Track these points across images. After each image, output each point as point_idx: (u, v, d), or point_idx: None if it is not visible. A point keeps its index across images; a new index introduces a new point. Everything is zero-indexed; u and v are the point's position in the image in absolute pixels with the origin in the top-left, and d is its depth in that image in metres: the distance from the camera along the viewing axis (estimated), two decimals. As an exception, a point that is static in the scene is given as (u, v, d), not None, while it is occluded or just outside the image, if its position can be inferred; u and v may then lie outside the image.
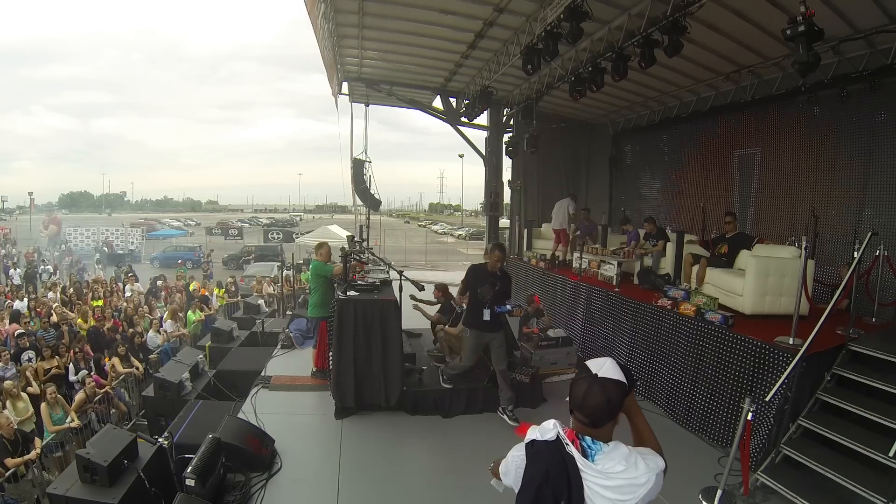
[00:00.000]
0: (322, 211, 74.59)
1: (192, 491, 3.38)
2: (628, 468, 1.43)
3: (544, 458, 1.46)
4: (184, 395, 5.89)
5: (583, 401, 1.47)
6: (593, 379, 1.47)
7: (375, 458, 4.37)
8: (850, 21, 5.81)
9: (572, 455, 1.44)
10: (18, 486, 4.73)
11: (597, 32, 7.02)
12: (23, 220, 34.36)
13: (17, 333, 7.89)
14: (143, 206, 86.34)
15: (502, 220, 13.31)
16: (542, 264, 8.92)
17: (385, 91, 11.09)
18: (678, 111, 9.85)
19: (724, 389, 4.57)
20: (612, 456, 1.44)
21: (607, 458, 1.44)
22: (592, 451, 1.44)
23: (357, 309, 5.01)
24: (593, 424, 1.47)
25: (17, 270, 15.95)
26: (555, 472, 1.44)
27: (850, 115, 6.67)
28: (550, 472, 1.44)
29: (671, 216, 9.88)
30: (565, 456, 1.44)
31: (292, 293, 10.98)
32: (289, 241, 27.24)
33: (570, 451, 1.44)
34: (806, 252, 4.35)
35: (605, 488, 1.41)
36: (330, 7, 7.04)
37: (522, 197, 12.22)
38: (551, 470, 1.44)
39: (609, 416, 1.47)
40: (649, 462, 1.47)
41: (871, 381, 3.86)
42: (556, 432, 1.48)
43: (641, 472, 1.43)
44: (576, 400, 1.49)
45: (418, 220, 65.10)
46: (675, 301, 5.47)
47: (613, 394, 1.45)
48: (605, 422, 1.47)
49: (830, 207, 6.82)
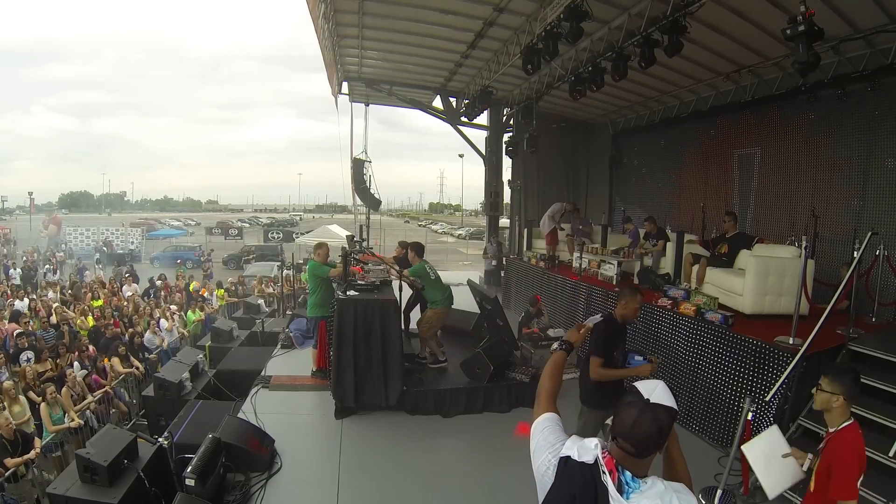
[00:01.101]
0: (322, 211, 74.55)
1: (192, 491, 3.38)
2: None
3: (575, 481, 1.35)
4: (184, 395, 5.89)
5: (631, 428, 1.32)
6: (644, 405, 1.32)
7: (375, 457, 4.37)
8: (850, 21, 5.81)
9: (606, 486, 1.31)
10: (18, 486, 4.73)
11: (597, 32, 7.02)
12: (23, 220, 34.35)
13: (16, 333, 7.88)
14: (143, 205, 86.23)
15: (502, 220, 13.33)
16: (542, 264, 8.92)
17: (385, 91, 11.10)
18: (678, 111, 9.85)
19: (724, 389, 4.57)
20: (649, 495, 1.30)
21: (642, 498, 1.30)
22: (629, 489, 1.30)
23: (357, 309, 5.01)
24: (639, 455, 1.33)
25: (17, 270, 15.94)
26: (582, 499, 1.32)
27: (850, 115, 6.67)
28: (577, 498, 1.33)
29: (671, 216, 9.88)
30: (598, 484, 1.31)
31: (292, 293, 10.98)
32: (289, 240, 27.24)
33: (605, 480, 1.31)
34: (806, 252, 4.35)
35: None
36: (330, 7, 7.03)
37: (522, 197, 12.23)
38: (579, 496, 1.33)
39: (657, 446, 1.34)
40: (683, 501, 1.32)
41: (871, 381, 3.86)
42: (595, 454, 1.35)
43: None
44: (622, 427, 1.34)
45: (418, 219, 65.06)
46: (675, 301, 5.47)
47: (665, 422, 1.32)
48: (652, 452, 1.34)
49: (830, 207, 6.82)
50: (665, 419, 1.31)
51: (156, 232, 35.02)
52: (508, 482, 4.00)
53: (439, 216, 73.75)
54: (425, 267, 5.64)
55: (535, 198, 11.99)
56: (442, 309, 5.66)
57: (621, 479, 1.31)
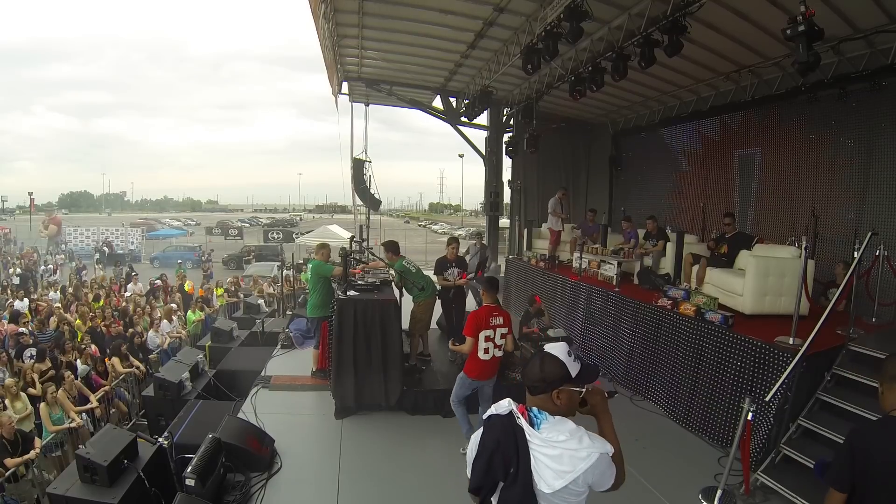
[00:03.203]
0: (322, 211, 74.47)
1: (192, 491, 3.38)
2: (571, 440, 1.52)
3: (497, 430, 1.59)
4: (184, 394, 5.88)
5: (525, 368, 1.70)
6: (540, 351, 1.69)
7: (375, 458, 4.37)
8: (850, 21, 5.81)
9: (521, 427, 1.56)
10: (18, 486, 4.73)
11: (597, 32, 7.02)
12: (23, 221, 34.34)
13: (18, 332, 7.89)
14: (143, 206, 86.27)
15: (502, 220, 13.32)
16: (542, 264, 8.92)
17: (385, 91, 11.10)
18: (678, 111, 9.85)
19: (724, 389, 4.57)
20: (557, 427, 1.56)
21: (552, 429, 1.55)
22: (538, 421, 1.57)
23: (357, 309, 5.01)
24: (531, 391, 1.64)
25: (16, 270, 15.95)
26: (505, 441, 1.55)
27: (850, 115, 6.67)
28: (501, 440, 1.55)
29: (671, 216, 9.88)
30: (515, 427, 1.56)
31: (292, 293, 10.98)
32: (289, 241, 27.26)
33: (520, 422, 1.57)
34: (806, 252, 4.35)
35: (548, 457, 1.51)
36: (330, 7, 7.03)
37: (522, 197, 12.23)
38: (502, 439, 1.56)
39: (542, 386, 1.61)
40: (595, 441, 1.55)
41: (872, 381, 3.85)
42: (510, 408, 1.61)
43: (584, 445, 1.51)
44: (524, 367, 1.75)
45: (418, 219, 65.04)
46: (675, 301, 5.47)
47: (548, 368, 1.61)
48: (539, 391, 1.62)
49: (830, 207, 6.82)
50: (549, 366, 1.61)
51: (156, 232, 35.06)
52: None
53: (439, 216, 73.71)
54: (403, 263, 5.72)
55: (535, 198, 11.98)
56: (426, 301, 5.74)
57: (531, 414, 1.58)
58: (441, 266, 6.31)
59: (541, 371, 1.62)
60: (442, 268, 6.29)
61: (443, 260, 6.37)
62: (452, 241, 6.42)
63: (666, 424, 5.03)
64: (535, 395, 1.64)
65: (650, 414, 5.29)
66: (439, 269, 6.29)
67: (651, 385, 5.57)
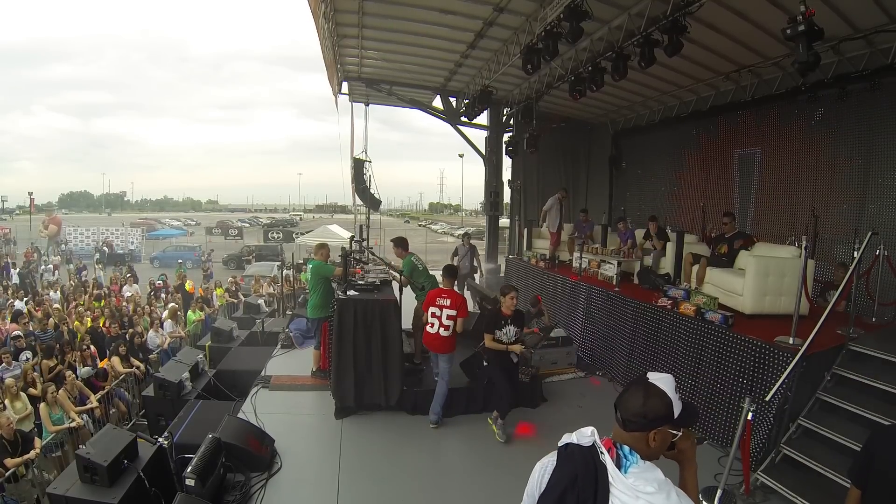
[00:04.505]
0: (322, 211, 74.43)
1: (192, 491, 3.38)
2: (658, 493, 1.32)
3: (576, 463, 1.39)
4: (184, 395, 5.88)
5: (622, 395, 1.45)
6: (643, 381, 1.44)
7: (375, 458, 4.37)
8: (850, 21, 5.81)
9: (605, 464, 1.36)
10: (18, 486, 4.73)
11: (597, 32, 7.02)
12: (22, 221, 34.34)
13: (13, 335, 7.88)
14: (143, 206, 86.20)
15: (502, 220, 13.31)
16: (541, 264, 8.92)
17: (385, 91, 11.09)
18: (678, 111, 9.85)
19: (724, 389, 4.57)
20: (646, 475, 1.35)
21: (640, 475, 1.34)
22: (627, 463, 1.36)
23: (357, 309, 5.01)
24: (624, 426, 1.41)
25: (16, 270, 15.94)
26: (584, 478, 1.36)
27: (850, 115, 6.67)
28: (579, 477, 1.37)
29: (671, 216, 9.88)
30: (598, 463, 1.37)
31: (292, 293, 10.98)
32: (289, 240, 27.25)
33: (603, 459, 1.36)
34: (806, 252, 4.35)
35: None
36: (330, 7, 7.03)
37: (522, 197, 12.22)
38: (581, 475, 1.37)
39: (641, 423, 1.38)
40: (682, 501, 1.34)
41: (871, 381, 3.86)
42: (593, 439, 1.41)
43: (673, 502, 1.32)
44: (620, 397, 1.46)
45: (418, 219, 65.00)
46: (675, 301, 5.47)
47: (653, 404, 1.38)
48: (635, 428, 1.39)
49: (830, 207, 6.82)
50: (654, 401, 1.38)
51: (156, 232, 35.05)
52: (508, 482, 3.99)
53: (439, 216, 73.67)
54: (412, 259, 5.70)
55: (535, 198, 11.97)
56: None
57: (619, 453, 1.38)
58: (493, 322, 4.66)
59: (643, 405, 1.38)
60: (494, 324, 4.64)
61: (496, 314, 4.73)
62: (510, 290, 4.67)
63: (666, 424, 5.03)
64: (628, 430, 1.40)
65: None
66: (490, 326, 4.66)
67: (651, 385, 5.55)
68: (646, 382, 1.42)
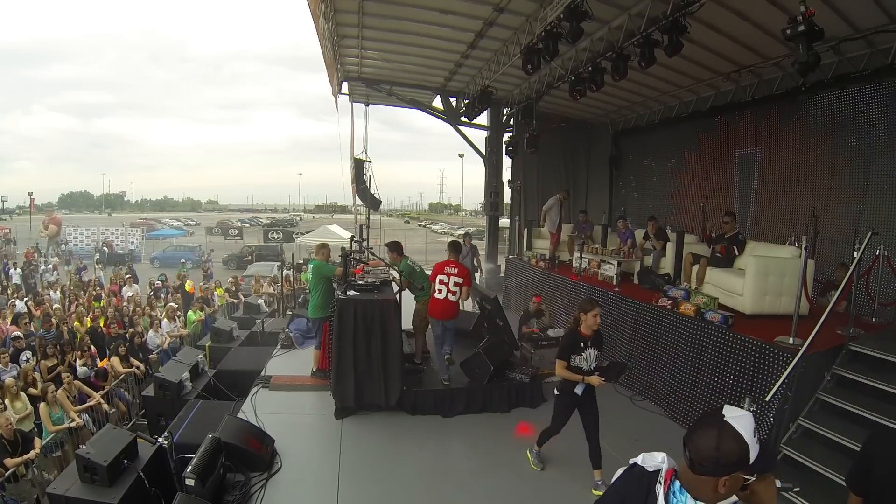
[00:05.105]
0: (322, 211, 74.44)
1: (191, 491, 3.38)
2: None
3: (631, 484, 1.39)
4: (184, 394, 5.88)
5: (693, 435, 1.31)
6: (718, 420, 1.29)
7: (375, 458, 4.37)
8: (850, 21, 5.81)
9: (657, 495, 1.33)
10: (18, 485, 4.73)
11: (597, 32, 7.02)
12: (21, 221, 34.34)
13: (13, 336, 7.87)
14: (143, 206, 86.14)
15: (502, 220, 13.32)
16: (542, 264, 8.92)
17: (385, 91, 11.10)
18: (678, 111, 9.85)
19: (724, 389, 4.57)
20: None
21: None
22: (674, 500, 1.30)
23: (357, 309, 5.01)
24: (692, 467, 1.30)
25: (17, 270, 15.93)
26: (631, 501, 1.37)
27: (850, 115, 6.67)
28: (627, 499, 1.38)
29: (671, 216, 9.88)
30: (650, 492, 1.34)
31: (292, 293, 10.98)
32: (289, 241, 27.24)
33: (657, 489, 1.33)
34: (806, 252, 4.35)
35: None
36: (330, 7, 7.04)
37: (522, 197, 12.23)
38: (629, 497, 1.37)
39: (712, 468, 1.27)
40: None
41: (871, 381, 3.86)
42: (660, 467, 1.37)
43: None
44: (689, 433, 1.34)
45: (418, 219, 65.00)
46: (675, 301, 5.47)
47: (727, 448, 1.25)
48: (704, 472, 1.27)
49: (830, 207, 6.82)
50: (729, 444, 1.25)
51: (156, 232, 35.03)
52: (508, 482, 4.01)
53: (439, 216, 73.65)
54: (408, 262, 5.73)
55: (535, 198, 11.98)
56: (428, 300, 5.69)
57: (671, 488, 1.31)
58: (571, 345, 3.70)
59: (716, 449, 1.25)
60: (571, 348, 3.69)
61: (573, 336, 3.74)
62: (593, 307, 3.69)
63: (666, 424, 5.03)
64: (696, 473, 1.29)
65: (650, 414, 5.29)
66: (566, 352, 3.69)
67: (651, 385, 5.56)
68: (721, 422, 1.28)
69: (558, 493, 3.85)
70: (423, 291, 5.64)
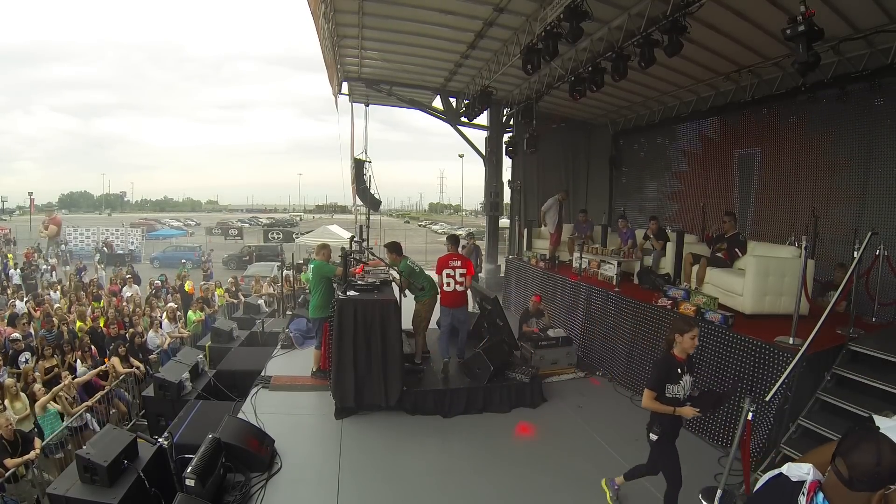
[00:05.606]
0: (322, 211, 74.46)
1: (192, 491, 3.38)
2: None
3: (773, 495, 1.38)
4: (184, 395, 5.88)
5: (850, 450, 1.25)
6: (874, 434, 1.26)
7: (375, 458, 4.37)
8: (850, 21, 5.81)
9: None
10: (18, 486, 4.73)
11: (597, 32, 7.02)
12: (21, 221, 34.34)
13: (11, 337, 7.86)
14: (143, 206, 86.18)
15: (502, 220, 13.32)
16: (542, 264, 8.92)
17: (385, 91, 11.10)
18: (678, 111, 9.85)
19: (725, 389, 4.57)
20: None
21: None
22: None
23: (357, 309, 5.01)
24: (849, 484, 1.23)
25: (16, 271, 15.92)
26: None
27: (850, 115, 6.67)
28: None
29: (671, 216, 9.88)
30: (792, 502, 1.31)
31: (292, 293, 10.98)
32: (289, 241, 27.22)
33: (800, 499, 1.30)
34: (806, 252, 4.35)
35: None
36: (330, 7, 7.04)
37: (522, 197, 12.23)
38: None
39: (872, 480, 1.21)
40: None
41: (871, 381, 3.86)
42: (805, 479, 1.34)
43: None
44: (843, 446, 1.28)
45: (418, 220, 64.99)
46: (675, 301, 5.47)
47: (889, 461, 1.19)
48: (865, 487, 1.22)
49: (830, 207, 6.82)
50: (891, 455, 1.20)
51: (156, 232, 35.02)
52: (509, 482, 4.01)
53: (439, 216, 73.63)
54: (408, 262, 5.74)
55: (535, 198, 11.97)
56: (429, 299, 5.75)
57: (814, 499, 1.28)
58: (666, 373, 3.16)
59: (878, 465, 1.19)
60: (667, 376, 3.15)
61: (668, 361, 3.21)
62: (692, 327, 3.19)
63: (666, 424, 5.03)
64: (855, 490, 1.23)
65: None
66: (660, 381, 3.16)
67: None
68: (877, 435, 1.24)
69: (558, 494, 3.86)
70: (423, 291, 5.64)
